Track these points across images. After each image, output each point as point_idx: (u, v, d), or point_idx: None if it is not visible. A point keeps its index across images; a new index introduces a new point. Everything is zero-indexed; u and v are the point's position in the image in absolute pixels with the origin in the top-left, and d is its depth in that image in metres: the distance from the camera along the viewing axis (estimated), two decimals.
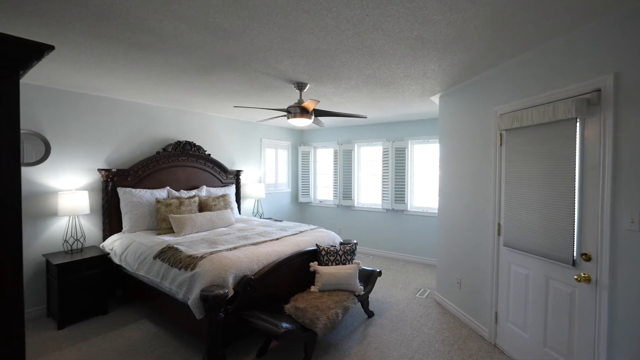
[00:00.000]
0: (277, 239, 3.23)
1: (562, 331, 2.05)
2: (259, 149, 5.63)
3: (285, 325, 2.21)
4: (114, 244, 3.28)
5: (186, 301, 2.35)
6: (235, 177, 4.99)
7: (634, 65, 1.64)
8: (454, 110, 3.30)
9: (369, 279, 3.18)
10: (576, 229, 1.92)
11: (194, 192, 4.13)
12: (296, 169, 6.49)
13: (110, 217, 3.52)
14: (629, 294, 1.66)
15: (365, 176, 5.83)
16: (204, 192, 4.29)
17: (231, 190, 4.70)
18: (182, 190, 4.10)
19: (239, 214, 4.85)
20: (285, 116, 3.38)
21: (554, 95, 2.08)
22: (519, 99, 2.39)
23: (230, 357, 2.43)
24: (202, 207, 4.00)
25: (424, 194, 5.14)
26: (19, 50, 0.88)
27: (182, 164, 4.20)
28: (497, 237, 2.61)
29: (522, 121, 2.24)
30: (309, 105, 2.88)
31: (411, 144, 5.18)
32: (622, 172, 1.69)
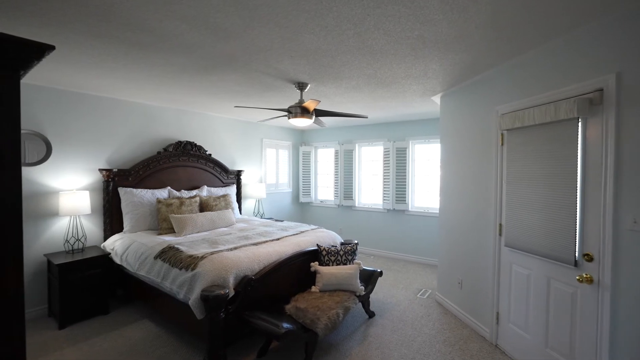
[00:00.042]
0: (278, 239, 3.23)
1: (563, 332, 2.04)
2: (260, 149, 5.63)
3: (286, 325, 2.20)
4: (115, 244, 3.28)
5: (187, 301, 2.35)
6: (236, 177, 4.99)
7: (636, 64, 1.63)
8: (455, 110, 3.30)
9: (370, 279, 3.17)
10: (578, 229, 1.92)
11: (194, 192, 4.13)
12: (297, 169, 6.49)
13: (111, 217, 3.53)
14: (631, 294, 1.65)
15: (366, 176, 5.82)
16: (205, 192, 4.29)
17: (232, 190, 4.70)
18: (183, 190, 4.11)
19: (240, 214, 4.85)
20: (286, 116, 3.38)
21: (555, 95, 2.07)
22: (521, 99, 2.38)
23: (231, 357, 2.43)
24: (203, 207, 4.00)
25: (425, 194, 5.13)
26: (20, 50, 0.88)
27: (183, 164, 4.21)
28: (499, 237, 2.60)
29: (524, 121, 2.24)
30: (310, 105, 2.87)
31: (412, 144, 5.17)
32: (625, 172, 1.69)
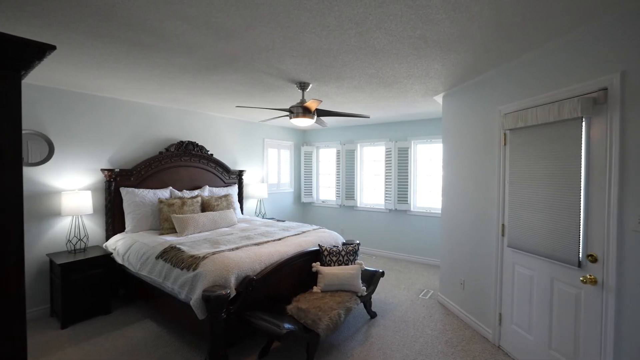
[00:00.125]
0: (279, 239, 3.23)
1: (567, 333, 2.02)
2: (262, 149, 5.63)
3: (287, 325, 2.20)
4: (116, 244, 3.29)
5: (188, 301, 2.35)
6: (237, 177, 5.00)
7: None
8: (458, 110, 3.28)
9: (372, 279, 3.16)
10: (582, 229, 1.90)
11: (196, 192, 4.14)
12: (299, 169, 6.48)
13: (113, 217, 3.53)
14: (636, 296, 1.64)
15: (368, 176, 5.81)
16: (207, 192, 4.29)
17: (234, 190, 4.70)
18: (184, 190, 4.11)
19: (242, 214, 4.85)
20: (287, 116, 3.38)
21: (559, 94, 2.05)
22: (523, 99, 2.37)
23: (232, 358, 2.43)
24: (205, 207, 4.01)
25: (427, 194, 5.11)
26: (21, 50, 0.88)
27: (184, 164, 4.21)
28: (501, 237, 2.59)
29: (527, 121, 2.22)
30: (312, 105, 2.87)
31: (414, 144, 5.15)
32: (629, 172, 1.67)
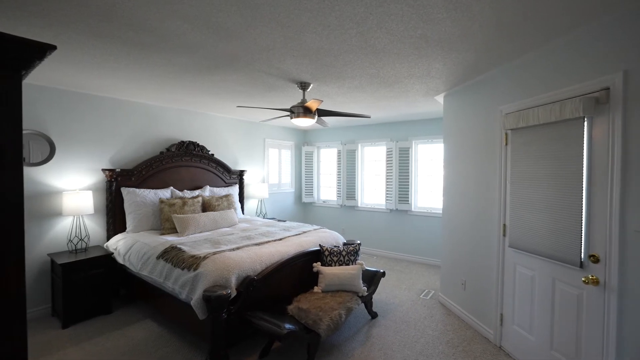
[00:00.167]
0: (280, 239, 3.22)
1: (569, 334, 2.01)
2: (263, 149, 5.63)
3: (288, 326, 2.19)
4: (117, 244, 3.29)
5: (189, 301, 2.35)
6: (238, 177, 5.00)
7: None
8: (459, 109, 3.27)
9: (373, 279, 3.16)
10: (584, 230, 1.89)
11: (197, 192, 4.14)
12: (299, 169, 6.48)
13: (114, 217, 3.54)
14: (639, 297, 1.63)
15: (369, 176, 5.80)
16: (208, 192, 4.29)
17: (234, 190, 4.70)
18: (185, 190, 4.11)
19: (242, 214, 4.85)
20: (288, 116, 3.38)
21: (560, 94, 2.05)
22: (525, 98, 2.36)
23: (233, 358, 2.42)
24: (206, 207, 4.01)
25: (428, 194, 5.10)
26: (21, 50, 0.88)
27: (185, 164, 4.21)
28: (503, 237, 2.58)
29: (528, 120, 2.21)
30: (312, 105, 2.86)
31: (415, 144, 5.14)
32: (632, 172, 1.66)
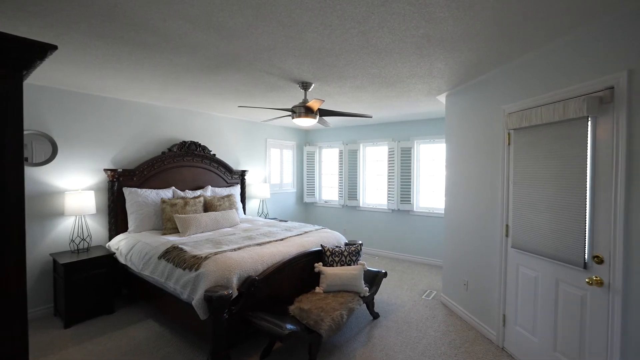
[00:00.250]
0: (281, 240, 3.22)
1: (572, 335, 2.00)
2: (264, 149, 5.63)
3: (289, 326, 2.19)
4: (119, 244, 3.30)
5: (190, 301, 2.35)
6: (240, 177, 5.00)
7: None
8: (461, 109, 3.26)
9: (374, 280, 3.15)
10: (587, 230, 1.87)
11: (199, 192, 4.14)
12: (301, 169, 6.48)
13: (116, 217, 3.54)
14: None
15: (370, 176, 5.79)
16: (209, 192, 4.30)
17: (236, 190, 4.70)
18: (187, 190, 4.11)
19: (244, 214, 4.85)
20: (290, 116, 3.37)
21: (564, 93, 2.03)
22: (528, 98, 2.34)
23: (234, 358, 2.42)
24: (207, 207, 4.01)
25: (430, 194, 5.09)
26: (23, 50, 0.88)
27: (187, 164, 4.22)
28: (505, 238, 2.57)
29: (531, 120, 2.20)
30: (314, 104, 2.86)
31: (417, 144, 5.13)
32: (636, 172, 1.64)
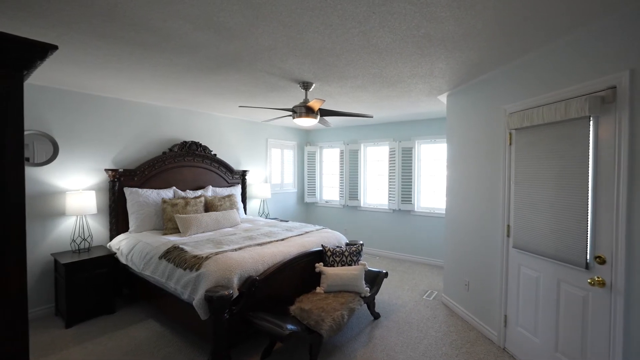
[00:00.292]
0: (282, 240, 3.22)
1: (574, 336, 1.99)
2: (265, 149, 5.63)
3: (290, 326, 2.19)
4: (120, 244, 3.30)
5: (191, 301, 2.35)
6: (241, 177, 5.00)
7: None
8: (462, 109, 3.25)
9: (375, 280, 3.14)
10: (589, 230, 1.87)
11: (200, 192, 4.14)
12: (302, 169, 6.47)
13: (117, 217, 3.55)
14: None
15: (371, 176, 5.78)
16: (210, 192, 4.30)
17: (237, 190, 4.70)
18: (188, 190, 4.12)
19: (245, 214, 4.85)
20: (290, 116, 3.37)
21: (566, 93, 2.02)
22: (529, 98, 2.33)
23: (235, 358, 2.42)
24: (208, 207, 4.01)
25: (431, 194, 5.08)
26: (23, 50, 0.88)
27: (188, 164, 4.22)
28: (507, 238, 2.56)
29: (533, 120, 2.19)
30: (315, 104, 2.86)
31: (418, 144, 5.12)
32: (639, 172, 1.63)
